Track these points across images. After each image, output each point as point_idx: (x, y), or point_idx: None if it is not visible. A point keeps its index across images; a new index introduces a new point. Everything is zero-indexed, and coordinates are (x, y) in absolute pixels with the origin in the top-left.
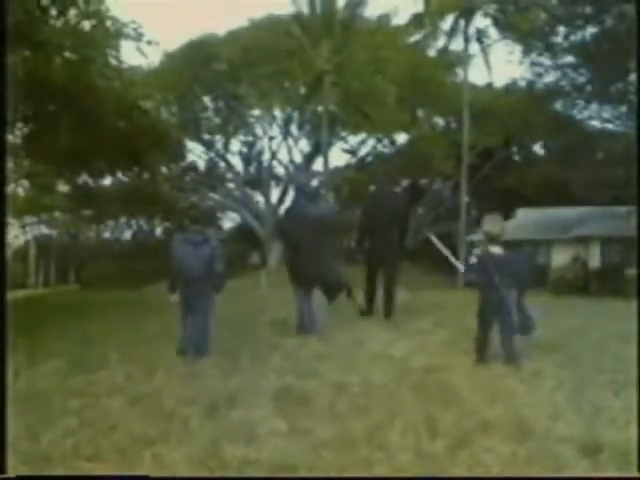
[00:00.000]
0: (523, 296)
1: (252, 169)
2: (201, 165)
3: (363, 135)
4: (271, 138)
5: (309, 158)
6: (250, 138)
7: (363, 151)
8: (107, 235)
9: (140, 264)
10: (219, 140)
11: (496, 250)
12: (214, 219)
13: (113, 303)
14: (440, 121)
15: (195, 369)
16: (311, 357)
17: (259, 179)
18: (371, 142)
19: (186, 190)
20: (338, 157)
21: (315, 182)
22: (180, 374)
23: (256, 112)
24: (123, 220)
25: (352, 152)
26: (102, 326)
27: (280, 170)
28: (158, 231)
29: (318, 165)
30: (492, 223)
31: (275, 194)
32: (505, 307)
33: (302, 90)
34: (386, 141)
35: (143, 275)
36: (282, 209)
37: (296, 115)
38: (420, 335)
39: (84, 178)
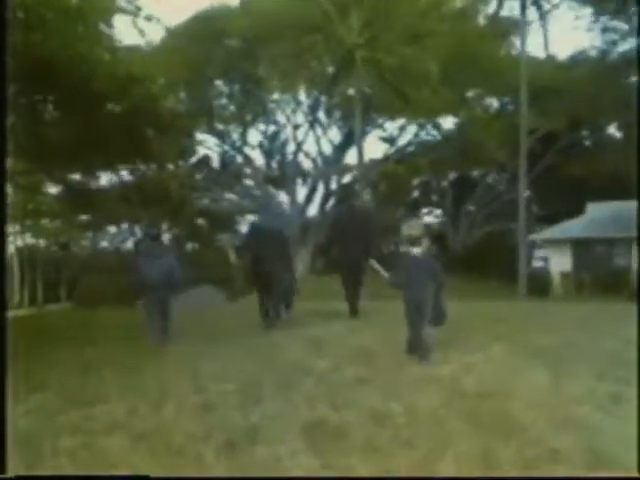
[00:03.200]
0: (441, 291)
1: (274, 164)
2: (214, 160)
3: (402, 121)
4: (296, 127)
5: (340, 149)
6: (271, 127)
7: (403, 140)
8: (105, 244)
9: None
10: (235, 130)
11: (416, 252)
12: (230, 222)
13: (112, 325)
14: (493, 102)
15: (210, 399)
16: (347, 382)
17: (282, 175)
18: (412, 129)
19: (197, 189)
20: (374, 147)
21: (348, 177)
22: (192, 406)
23: (277, 96)
24: (124, 226)
25: (390, 141)
26: (99, 352)
27: (307, 164)
28: (165, 238)
29: (351, 157)
30: (412, 227)
31: (302, 192)
32: (422, 303)
33: (330, 69)
34: (430, 127)
35: None
36: (311, 210)
37: (324, 99)
38: (473, 353)
39: (76, 177)
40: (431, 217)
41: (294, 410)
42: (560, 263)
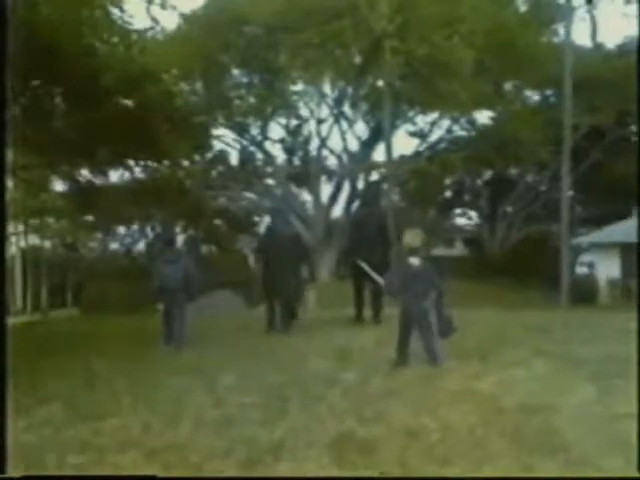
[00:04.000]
0: (442, 301)
1: (297, 160)
2: (233, 156)
3: (434, 115)
4: (320, 121)
5: (367, 145)
6: (293, 121)
7: (435, 135)
8: (115, 246)
9: None
10: (254, 124)
11: (415, 261)
12: (249, 223)
13: (122, 332)
14: (534, 94)
15: (230, 413)
16: (375, 395)
17: (306, 173)
18: (445, 123)
19: (214, 188)
20: (403, 143)
21: (375, 176)
22: (211, 421)
23: (300, 88)
24: (135, 227)
25: (421, 136)
26: (109, 362)
27: (332, 161)
28: (180, 240)
29: (379, 154)
30: (412, 236)
31: (326, 191)
32: (424, 314)
33: (357, 59)
34: (464, 121)
35: None
36: (335, 210)
37: (350, 91)
38: (513, 367)
39: (84, 173)
40: (464, 219)
41: (320, 424)
42: (607, 269)
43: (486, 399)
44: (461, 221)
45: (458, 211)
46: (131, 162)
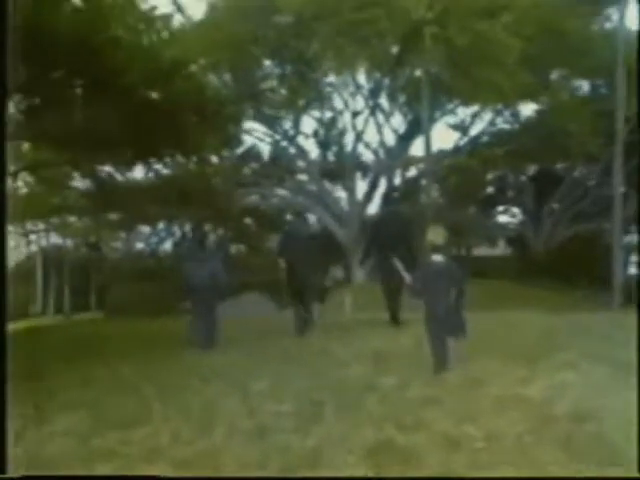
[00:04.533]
0: (461, 301)
1: (331, 155)
2: (264, 151)
3: (476, 107)
4: (355, 114)
5: (405, 139)
6: (327, 114)
7: (476, 128)
8: (140, 246)
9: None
10: (286, 117)
11: (437, 259)
12: (281, 222)
13: (150, 336)
14: (583, 84)
15: (264, 421)
16: (416, 401)
17: (340, 168)
18: (487, 116)
19: (244, 184)
20: (443, 137)
21: (413, 171)
22: (244, 430)
23: (334, 79)
24: (161, 226)
25: (462, 130)
26: (136, 367)
27: (367, 156)
28: (209, 240)
29: (417, 148)
30: (436, 234)
31: (361, 188)
32: (446, 312)
33: (394, 48)
34: (507, 114)
35: None
36: (371, 208)
37: (387, 82)
38: (563, 371)
39: (107, 169)
40: (507, 216)
41: (357, 431)
42: None
43: (535, 405)
44: (504, 219)
45: (501, 208)
46: (157, 158)
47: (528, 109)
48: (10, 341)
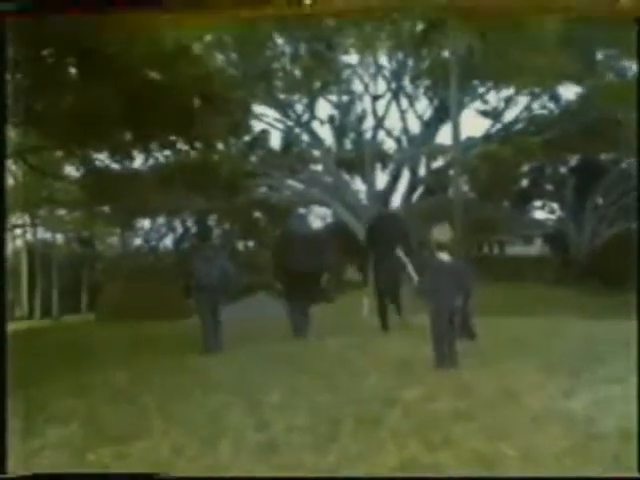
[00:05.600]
0: (467, 303)
1: (348, 143)
2: (275, 138)
3: (510, 90)
4: (375, 98)
5: (430, 126)
6: (345, 98)
7: (510, 114)
8: (138, 242)
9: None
10: (300, 101)
11: (444, 258)
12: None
13: (148, 341)
14: (632, 65)
15: (275, 436)
16: (444, 416)
17: (358, 158)
18: (522, 100)
19: (253, 175)
20: (473, 124)
21: (440, 161)
22: (253, 445)
23: (353, 59)
24: (161, 220)
25: (494, 116)
26: (133, 375)
27: (389, 144)
28: (214, 235)
29: (444, 136)
30: (442, 232)
31: (382, 180)
32: (452, 312)
33: (419, 25)
34: (545, 98)
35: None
36: (393, 201)
37: (411, 63)
38: (608, 384)
39: (103, 157)
40: (545, 212)
41: (379, 449)
42: None
43: (577, 421)
44: (541, 215)
45: (537, 203)
46: (157, 145)
47: (569, 92)
48: None
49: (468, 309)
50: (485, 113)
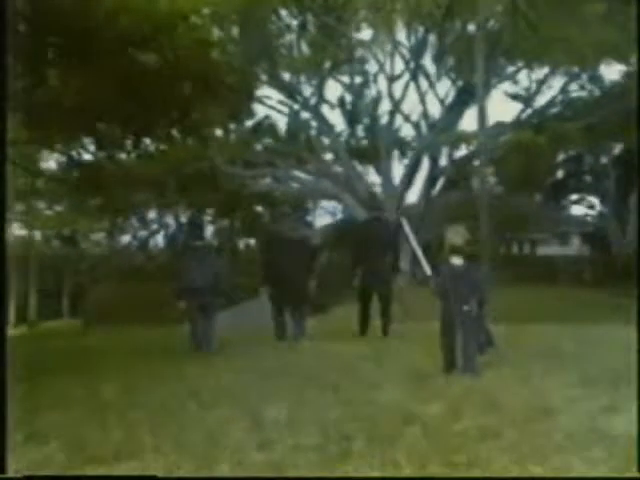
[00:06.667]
0: (482, 309)
1: (361, 130)
2: (280, 124)
3: (545, 70)
4: (392, 78)
5: (454, 110)
6: (358, 79)
7: (544, 97)
8: (126, 240)
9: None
10: (308, 82)
11: (457, 262)
12: (300, 211)
13: (137, 348)
14: None
15: (280, 456)
16: (468, 434)
17: (373, 146)
18: (558, 81)
19: (255, 165)
20: (502, 108)
21: (464, 150)
22: (254, 464)
23: (366, 35)
24: (152, 216)
25: (525, 99)
26: (122, 387)
27: (407, 131)
28: (209, 232)
29: (469, 121)
30: (456, 234)
31: (399, 170)
32: (465, 318)
33: None
34: (585, 78)
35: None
36: (411, 194)
37: (432, 39)
38: None
39: (86, 147)
40: (583, 207)
41: (395, 470)
42: None
43: (619, 441)
44: (578, 210)
45: (574, 197)
46: (146, 134)
47: (612, 72)
48: None
49: (483, 318)
50: (516, 96)
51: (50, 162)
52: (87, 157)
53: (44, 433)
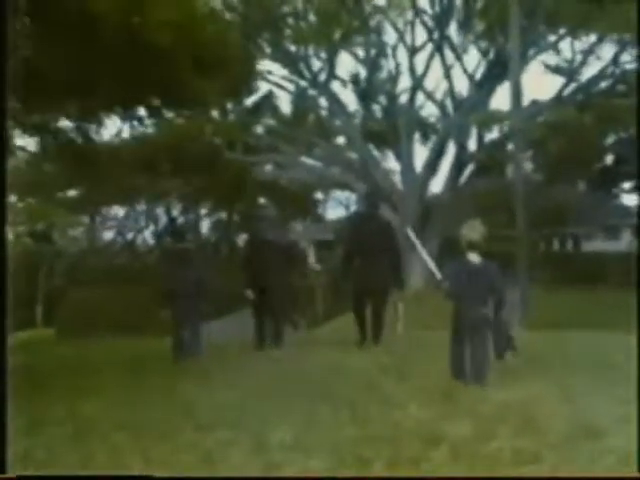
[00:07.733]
0: (501, 311)
1: (378, 110)
2: (284, 103)
3: (591, 38)
4: (412, 51)
5: (484, 87)
6: (373, 51)
7: (590, 70)
8: (109, 235)
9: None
10: (317, 55)
11: (473, 258)
12: (309, 203)
13: (122, 361)
14: None
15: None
16: (502, 457)
17: (391, 129)
18: (608, 51)
19: (258, 149)
20: (539, 83)
21: (496, 132)
22: None
23: (383, 1)
24: (141, 208)
25: (568, 73)
26: (105, 406)
27: (430, 110)
28: (205, 226)
29: (501, 99)
30: (472, 229)
31: (421, 155)
32: (481, 321)
33: None
34: (633, 48)
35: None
36: (435, 183)
37: (459, 4)
38: None
39: (65, 124)
40: (635, 197)
41: None
42: None
43: None
44: (630, 201)
45: (625, 186)
46: (136, 111)
47: None
48: None
49: (501, 319)
50: (557, 69)
51: (19, 141)
52: (65, 137)
53: (18, 457)
